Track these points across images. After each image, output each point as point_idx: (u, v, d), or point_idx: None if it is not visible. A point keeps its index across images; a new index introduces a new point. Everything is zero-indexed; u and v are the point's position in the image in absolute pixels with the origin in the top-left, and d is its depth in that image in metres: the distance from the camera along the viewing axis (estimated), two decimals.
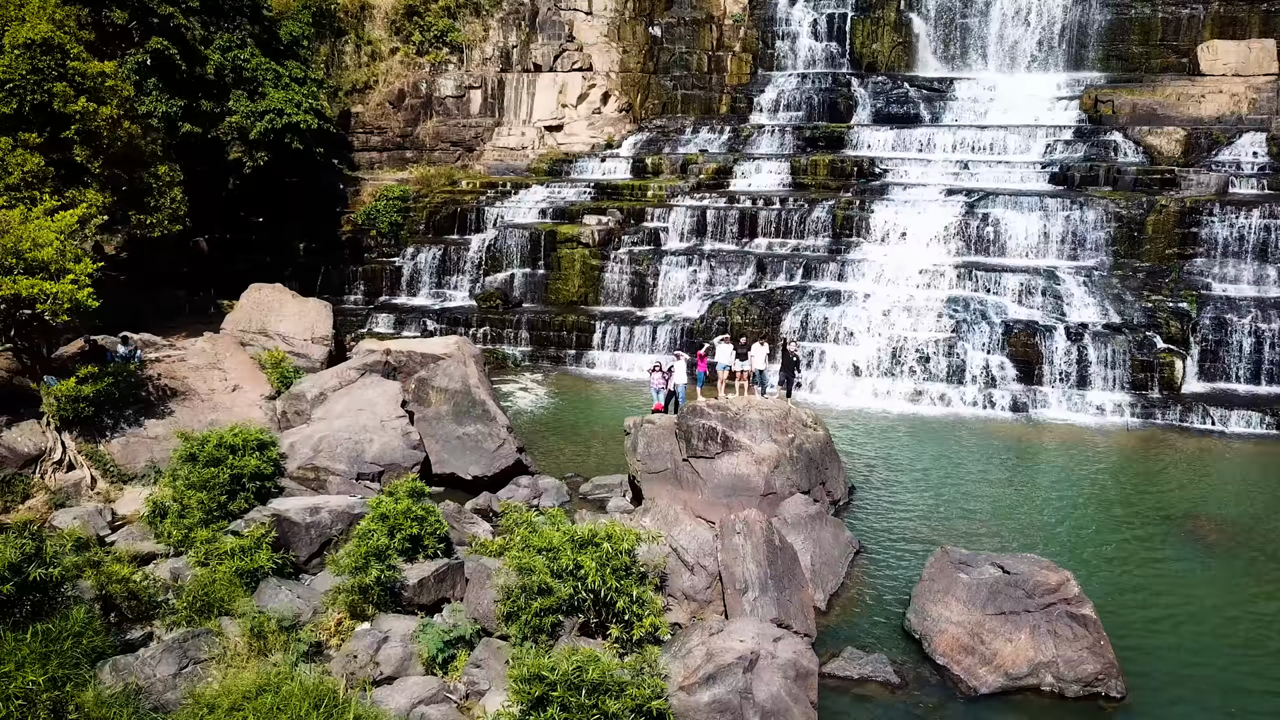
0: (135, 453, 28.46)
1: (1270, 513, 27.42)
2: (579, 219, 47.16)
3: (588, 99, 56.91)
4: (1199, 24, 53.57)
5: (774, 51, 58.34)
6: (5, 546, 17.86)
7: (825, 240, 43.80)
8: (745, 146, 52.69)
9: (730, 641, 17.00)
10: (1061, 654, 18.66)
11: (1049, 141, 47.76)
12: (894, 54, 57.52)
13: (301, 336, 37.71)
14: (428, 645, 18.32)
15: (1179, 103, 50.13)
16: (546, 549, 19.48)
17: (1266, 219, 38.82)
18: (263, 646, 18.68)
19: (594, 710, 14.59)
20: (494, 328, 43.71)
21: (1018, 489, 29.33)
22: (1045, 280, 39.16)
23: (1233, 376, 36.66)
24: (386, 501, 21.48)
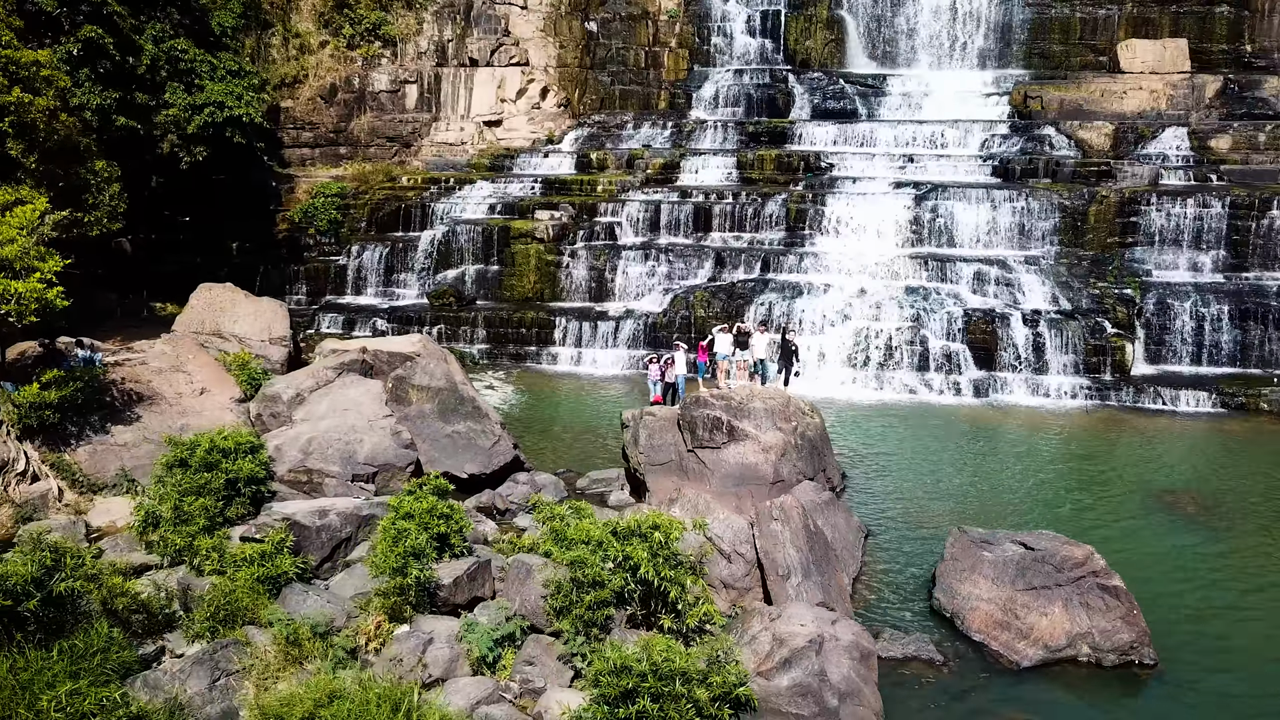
0: (104, 461, 27.01)
1: (1238, 486, 28.81)
2: (530, 214, 46.63)
3: (527, 94, 56.30)
4: (1115, 24, 55.96)
5: (710, 48, 58.73)
6: (27, 559, 16.73)
7: (780, 234, 44.27)
8: (689, 142, 52.88)
9: (792, 626, 17.01)
10: (1096, 625, 19.22)
11: (986, 136, 49.23)
12: (826, 51, 58.53)
13: (258, 337, 36.36)
14: (478, 644, 17.82)
15: (1103, 99, 52.26)
16: (586, 541, 19.21)
17: (1199, 208, 40.77)
18: (298, 654, 17.92)
19: (684, 699, 14.39)
20: (449, 326, 42.86)
21: (998, 471, 30.15)
22: (998, 269, 40.35)
23: (1177, 358, 38.40)
24: (408, 500, 20.83)
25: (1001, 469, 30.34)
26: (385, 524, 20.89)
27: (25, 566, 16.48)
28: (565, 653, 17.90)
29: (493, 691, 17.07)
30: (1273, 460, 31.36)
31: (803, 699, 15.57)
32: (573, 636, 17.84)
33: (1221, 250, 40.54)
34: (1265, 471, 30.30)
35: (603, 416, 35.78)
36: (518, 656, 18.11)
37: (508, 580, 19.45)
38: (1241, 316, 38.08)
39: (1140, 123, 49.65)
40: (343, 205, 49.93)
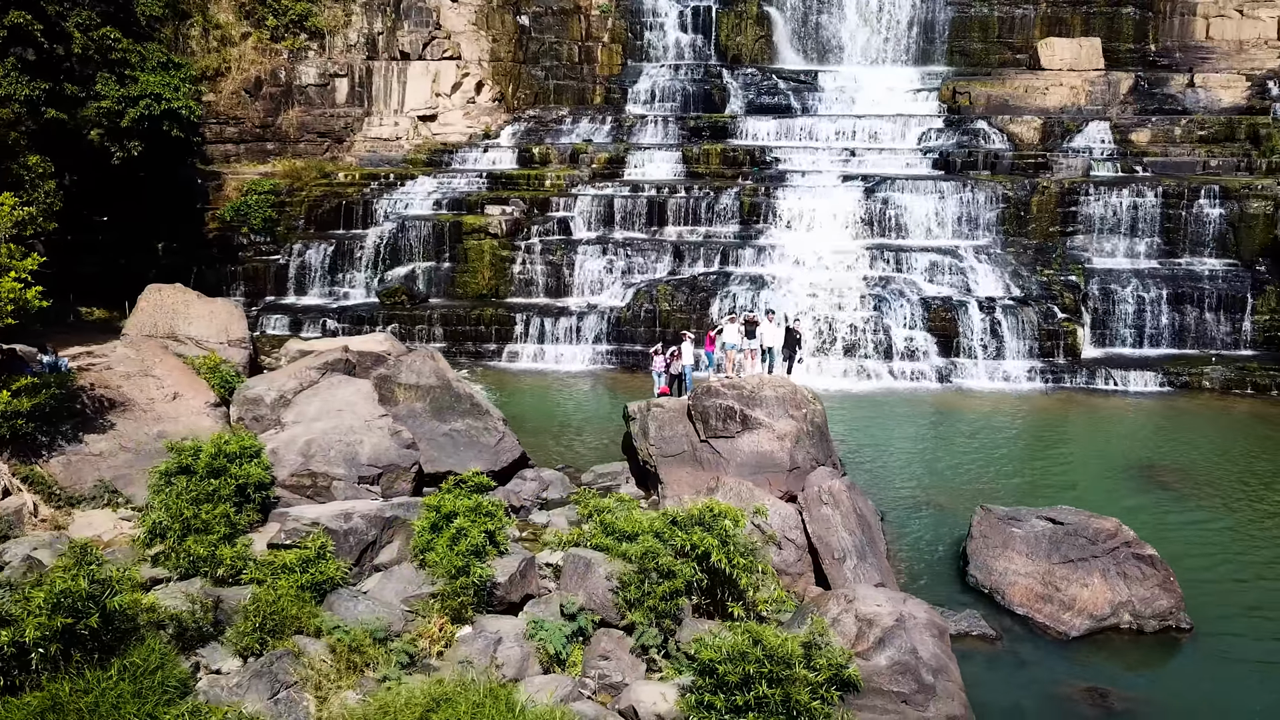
0: (79, 473, 25.45)
1: (1207, 458, 30.44)
2: (479, 209, 45.82)
3: (461, 88, 55.28)
4: (1031, 23, 58.22)
5: (643, 43, 58.74)
6: (76, 573, 15.60)
7: (735, 227, 44.59)
8: (630, 137, 52.76)
9: (871, 607, 17.13)
10: (1135, 593, 19.96)
11: (923, 130, 50.56)
12: (757, 47, 59.20)
13: (216, 340, 34.71)
14: (552, 641, 17.40)
15: (1027, 95, 54.30)
16: (646, 532, 19.04)
17: (1134, 198, 42.76)
18: (359, 661, 17.21)
19: (801, 683, 14.34)
20: (403, 324, 41.75)
21: (979, 452, 31.03)
22: (950, 259, 41.51)
23: (1121, 341, 40.18)
24: (448, 499, 20.23)
25: (981, 450, 31.22)
26: (421, 525, 20.27)
27: (79, 582, 15.36)
28: (636, 645, 17.67)
29: (572, 689, 16.70)
30: (1227, 433, 33.15)
31: (902, 676, 15.70)
32: (647, 628, 17.62)
33: (1155, 237, 42.62)
34: (1225, 444, 32.02)
35: (581, 412, 35.47)
36: (587, 652, 17.79)
37: (565, 575, 19.05)
38: (1178, 300, 40.11)
39: (1065, 117, 51.74)
40: (277, 203, 48.10)
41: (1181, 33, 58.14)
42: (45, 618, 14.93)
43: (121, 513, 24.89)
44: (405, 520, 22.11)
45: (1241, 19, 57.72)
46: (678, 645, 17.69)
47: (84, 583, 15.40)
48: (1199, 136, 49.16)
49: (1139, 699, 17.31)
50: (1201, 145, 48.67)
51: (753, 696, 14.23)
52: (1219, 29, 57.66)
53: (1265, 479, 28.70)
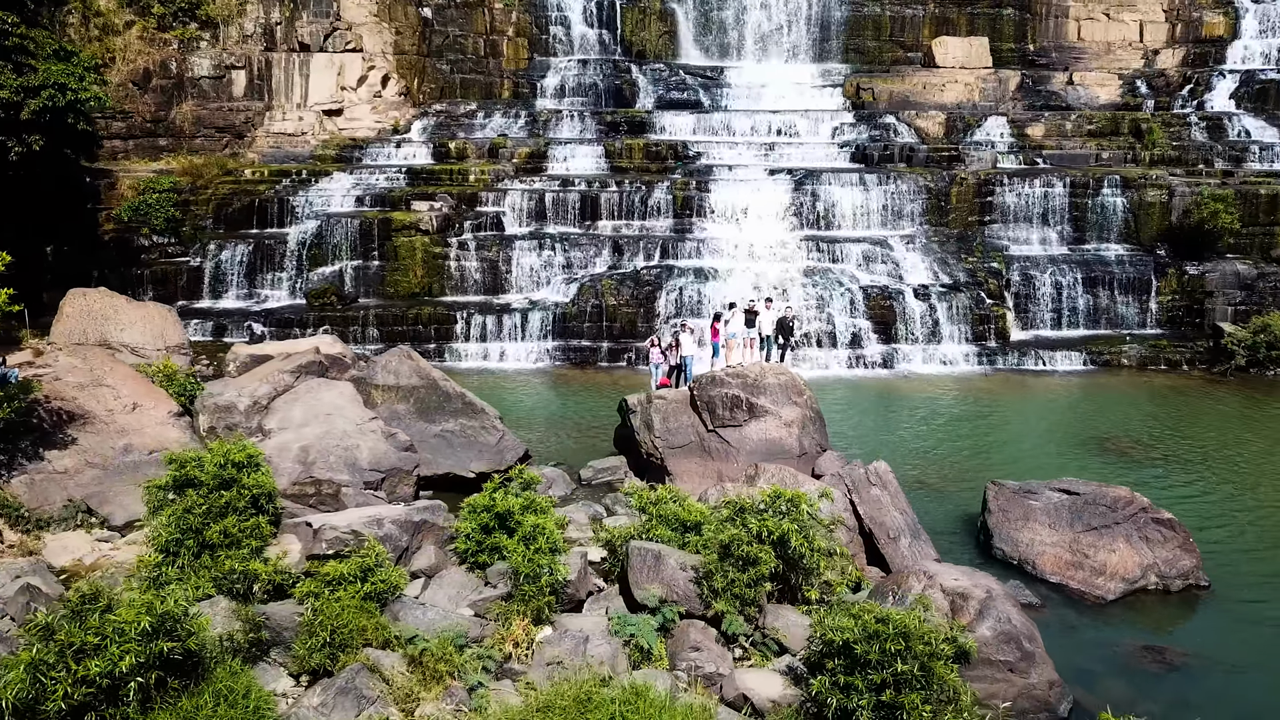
0: (45, 492, 23.48)
1: (1149, 428, 32.49)
2: (405, 206, 44.38)
3: (367, 81, 53.40)
4: (920, 22, 60.63)
5: (548, 37, 58.15)
6: (166, 596, 14.35)
7: (669, 221, 44.71)
8: (547, 131, 52.18)
9: (952, 581, 17.54)
10: (1159, 555, 21.10)
11: (836, 125, 51.93)
12: (661, 42, 59.53)
13: (153, 346, 32.48)
14: (645, 636, 17.07)
15: (925, 91, 56.54)
16: (704, 522, 18.98)
17: (1045, 188, 45.15)
18: (443, 671, 16.47)
19: (939, 658, 14.53)
20: (335, 326, 40.00)
21: (945, 431, 32.17)
22: (881, 249, 42.81)
23: (1042, 324, 42.35)
24: (500, 498, 19.56)
25: (945, 430, 32.37)
26: (468, 527, 19.58)
27: (169, 604, 14.13)
28: (724, 635, 17.53)
29: (673, 684, 16.43)
30: (1157, 404, 35.44)
31: (1006, 645, 16.13)
32: (734, 617, 17.51)
33: (1065, 225, 45.10)
34: (1159, 414, 34.26)
35: (545, 409, 34.91)
36: (670, 644, 17.52)
37: (634, 569, 18.65)
38: (1091, 284, 42.59)
39: (964, 112, 54.12)
40: (180, 202, 45.29)
41: (1056, 34, 61.69)
42: (136, 644, 13.68)
43: (98, 534, 23.10)
44: (433, 524, 21.35)
45: (1109, 22, 61.70)
46: (763, 633, 17.66)
47: (177, 605, 14.19)
48: (1087, 131, 52.32)
49: (1193, 654, 18.31)
50: (1091, 139, 51.82)
51: (890, 674, 14.33)
52: (1089, 31, 61.45)
53: (1205, 444, 30.87)
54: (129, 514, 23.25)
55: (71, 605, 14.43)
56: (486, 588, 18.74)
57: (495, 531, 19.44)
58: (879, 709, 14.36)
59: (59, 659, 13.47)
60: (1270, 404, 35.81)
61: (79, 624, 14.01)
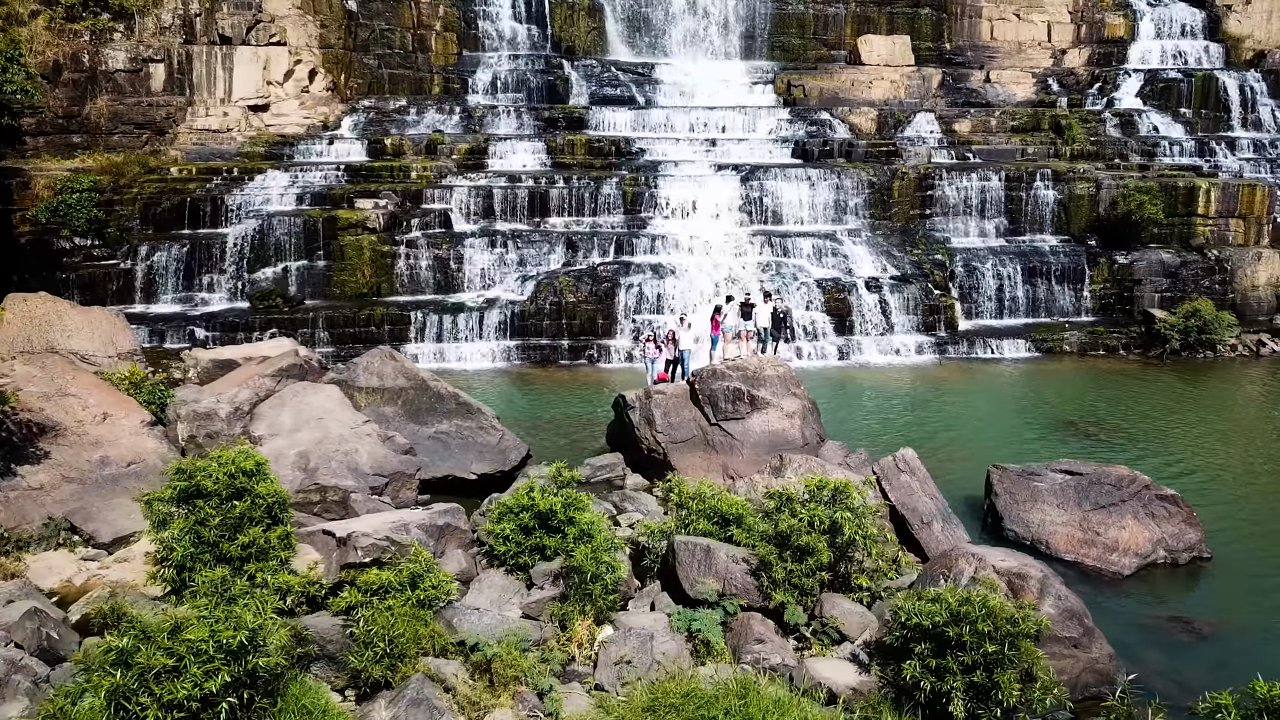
0: (22, 510, 22.01)
1: (1107, 409, 33.91)
2: (347, 203, 43.04)
3: (294, 76, 51.54)
4: (842, 21, 61.72)
5: (477, 32, 57.17)
6: (244, 610, 13.55)
7: (620, 217, 44.48)
8: (484, 127, 51.31)
9: (1001, 562, 17.88)
10: (1166, 530, 21.96)
11: (773, 121, 52.50)
12: (590, 38, 59.17)
13: (104, 353, 30.58)
14: (710, 631, 16.90)
15: (854, 88, 57.66)
16: (744, 514, 18.96)
17: (982, 182, 46.56)
18: (509, 676, 16.02)
19: (1015, 635, 14.77)
20: (282, 329, 38.54)
21: (918, 419, 32.88)
22: (830, 242, 43.49)
23: (986, 313, 43.68)
24: (538, 496, 19.11)
25: (919, 417, 33.12)
26: (507, 528, 19.08)
27: (251, 617, 13.35)
28: (784, 625, 17.51)
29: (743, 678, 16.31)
30: (1106, 388, 36.98)
31: (1069, 621, 16.54)
32: (793, 607, 17.49)
33: (1002, 218, 46.63)
34: (1112, 396, 35.79)
35: (514, 409, 34.24)
36: (730, 637, 17.40)
37: (683, 564, 18.43)
38: (1030, 274, 44.15)
39: (894, 109, 55.37)
40: (103, 202, 42.91)
41: (971, 33, 63.66)
42: (222, 663, 12.88)
43: (83, 553, 21.76)
44: (455, 527, 20.79)
45: (1019, 22, 63.98)
46: (822, 622, 17.69)
47: (254, 616, 13.41)
48: (1011, 127, 54.16)
49: (1218, 622, 19.11)
50: (1015, 134, 53.66)
51: (980, 655, 14.50)
52: (1001, 31, 63.61)
53: (1161, 423, 32.38)
54: (115, 530, 21.97)
55: (138, 627, 13.48)
56: (535, 590, 18.29)
57: (535, 531, 19.00)
58: (970, 690, 14.53)
59: (140, 684, 12.58)
60: (1207, 384, 37.75)
61: (153, 646, 13.10)
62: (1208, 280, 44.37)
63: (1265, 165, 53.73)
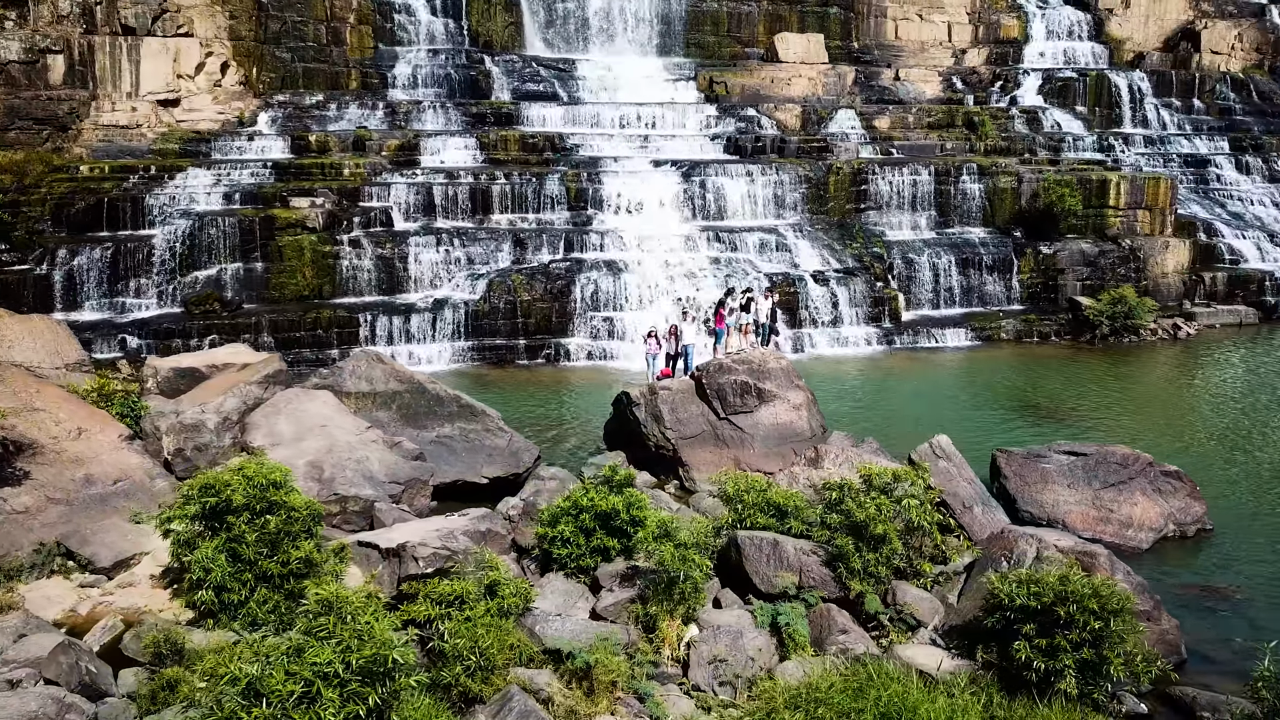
0: (9, 536, 20.32)
1: (1058, 392, 35.48)
2: (279, 202, 41.13)
3: (206, 69, 48.92)
4: (755, 19, 62.50)
5: (393, 25, 55.53)
6: (373, 624, 12.72)
7: (565, 213, 43.89)
8: (410, 123, 49.85)
9: (1061, 540, 18.41)
10: (1173, 505, 22.98)
11: (702, 117, 52.71)
12: (507, 33, 58.27)
13: (50, 365, 28.39)
14: (797, 624, 16.79)
15: (774, 85, 58.46)
16: (800, 506, 18.99)
17: (912, 176, 47.86)
18: (605, 682, 15.60)
19: (1115, 612, 15.19)
20: (224, 335, 36.56)
21: (891, 408, 33.56)
22: (775, 237, 43.96)
23: (924, 304, 44.91)
24: (597, 497, 18.63)
25: (889, 406, 33.81)
26: (567, 530, 18.52)
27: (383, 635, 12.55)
28: (863, 614, 17.57)
29: (832, 669, 16.30)
30: (1050, 372, 38.56)
31: (1142, 596, 17.10)
32: (873, 596, 17.58)
33: (932, 211, 48.03)
34: (1058, 379, 37.41)
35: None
36: (811, 630, 17.32)
37: (750, 558, 18.31)
38: (963, 265, 45.62)
39: (817, 105, 56.37)
40: (8, 203, 39.83)
41: (877, 32, 65.39)
42: (359, 684, 12.08)
43: (79, 579, 20.18)
44: (495, 532, 20.16)
45: (921, 22, 66.09)
46: (897, 609, 17.81)
47: (384, 635, 12.60)
48: (927, 123, 55.89)
49: (1245, 587, 20.10)
50: (932, 131, 55.39)
51: (1087, 632, 14.83)
52: (905, 30, 65.58)
53: (1115, 403, 33.95)
54: (116, 553, 20.45)
55: (261, 650, 12.50)
56: (606, 593, 17.83)
57: (597, 533, 18.53)
58: (1078, 667, 14.84)
59: (281, 714, 11.66)
60: (1142, 365, 39.88)
61: (280, 671, 12.16)
62: (1123, 268, 46.74)
63: (1158, 160, 57.11)
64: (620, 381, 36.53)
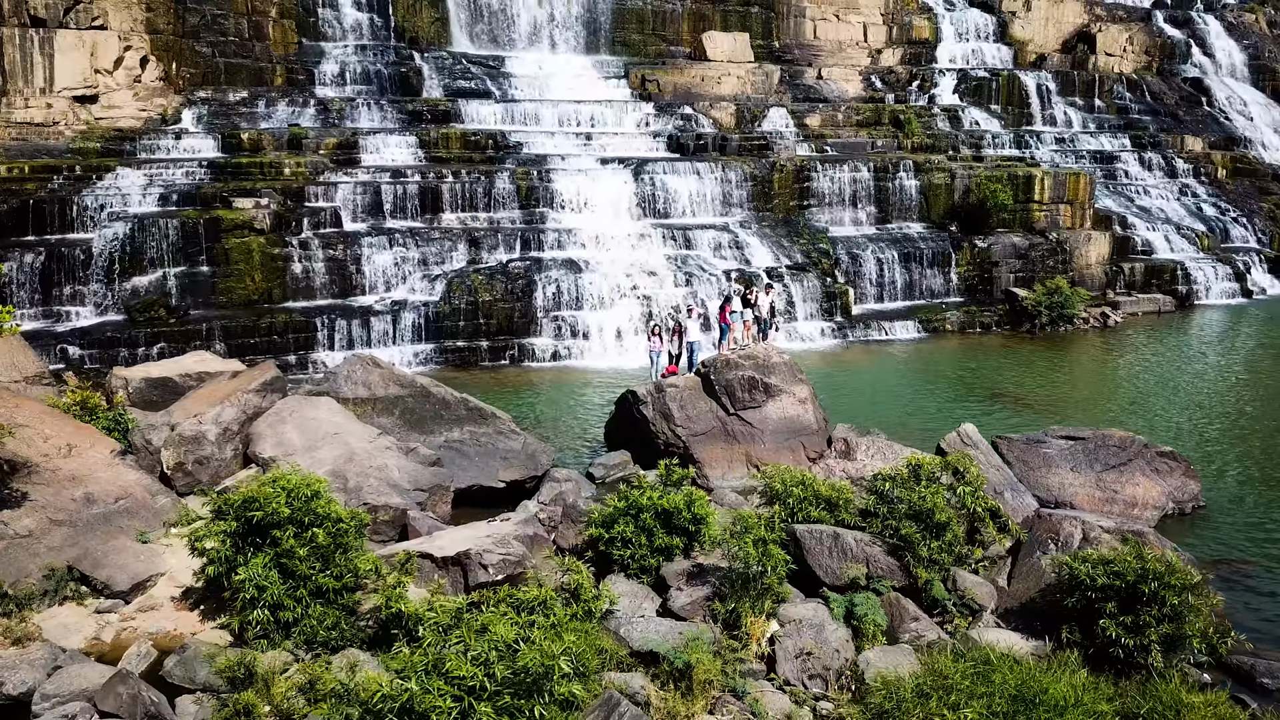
0: (15, 562, 19.01)
1: (1014, 380, 36.72)
2: (220, 203, 39.33)
3: (125, 64, 46.40)
4: (679, 17, 62.91)
5: (317, 20, 53.86)
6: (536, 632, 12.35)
7: (517, 212, 43.27)
8: (344, 121, 48.38)
9: (1101, 523, 19.07)
10: (1171, 484, 24.06)
11: (640, 115, 52.69)
12: (433, 29, 57.20)
13: (8, 378, 26.53)
14: (874, 614, 16.95)
15: (704, 83, 58.86)
16: (847, 499, 19.26)
17: (853, 173, 48.85)
18: (701, 681, 15.49)
19: (1192, 588, 15.85)
20: (172, 343, 34.84)
21: (861, 399, 34.19)
22: (726, 234, 44.29)
23: (870, 298, 45.91)
24: (655, 496, 18.45)
25: (857, 397, 34.35)
26: (627, 530, 18.29)
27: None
28: (927, 601, 17.87)
29: (906, 657, 16.53)
30: (1001, 361, 39.93)
31: (1193, 570, 17.82)
32: (938, 583, 17.89)
33: (871, 207, 49.12)
34: (1010, 367, 38.75)
35: None
36: (885, 620, 17.53)
37: (811, 551, 18.38)
38: (905, 259, 46.82)
39: (744, 103, 56.97)
40: None
41: (797, 32, 66.58)
42: (513, 696, 11.71)
43: (94, 604, 19.00)
44: (540, 536, 19.80)
45: (838, 22, 67.59)
46: (959, 595, 18.15)
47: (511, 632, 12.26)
48: (856, 121, 57.18)
49: (1256, 561, 21.19)
50: (861, 129, 56.69)
51: (1169, 608, 15.42)
52: (824, 30, 66.96)
53: (1072, 388, 35.40)
54: (131, 576, 19.35)
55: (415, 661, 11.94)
56: (676, 592, 17.65)
57: (658, 532, 18.33)
58: (1162, 641, 15.42)
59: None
60: (1084, 352, 41.75)
61: (434, 685, 11.65)
62: (1051, 260, 48.73)
63: (1070, 156, 59.77)
64: (589, 382, 36.40)
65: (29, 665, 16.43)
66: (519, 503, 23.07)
